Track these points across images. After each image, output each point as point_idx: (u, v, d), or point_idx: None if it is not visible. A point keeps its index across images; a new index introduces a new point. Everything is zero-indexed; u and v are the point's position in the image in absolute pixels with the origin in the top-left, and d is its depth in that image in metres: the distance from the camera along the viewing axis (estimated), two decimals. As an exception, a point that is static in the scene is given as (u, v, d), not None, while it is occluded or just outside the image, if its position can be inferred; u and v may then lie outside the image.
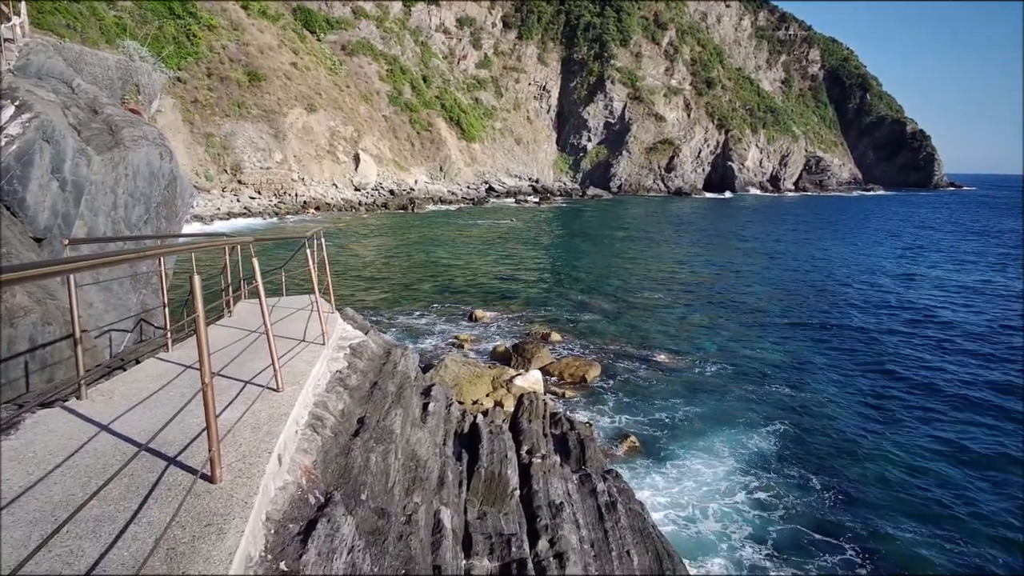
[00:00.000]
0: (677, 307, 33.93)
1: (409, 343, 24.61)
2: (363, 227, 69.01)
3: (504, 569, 7.51)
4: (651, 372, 23.25)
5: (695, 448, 17.02)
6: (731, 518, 13.89)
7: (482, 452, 9.77)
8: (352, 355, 8.63)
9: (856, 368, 24.27)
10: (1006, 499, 14.96)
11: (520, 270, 44.84)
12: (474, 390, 19.16)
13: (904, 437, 18.17)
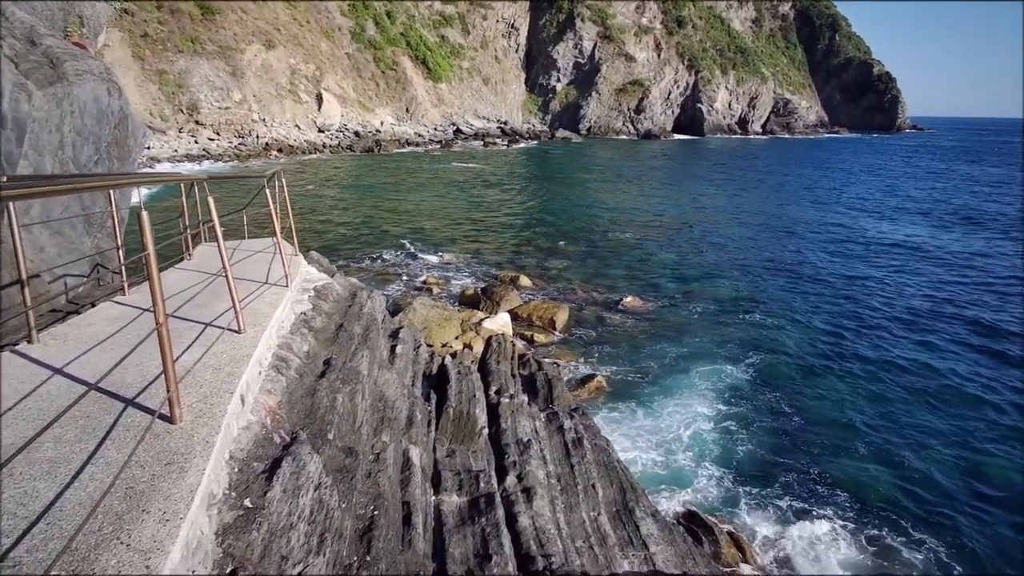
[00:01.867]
0: (646, 249, 34.19)
1: (376, 287, 24.43)
2: (328, 170, 67.34)
3: (472, 504, 7.69)
4: (619, 313, 23.56)
5: (661, 384, 17.50)
6: (693, 449, 14.42)
7: (451, 392, 9.86)
8: (317, 297, 8.51)
9: (818, 304, 24.96)
10: (962, 425, 15.77)
11: (489, 214, 44.48)
12: (443, 333, 19.21)
13: (865, 367, 18.92)
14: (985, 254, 34.57)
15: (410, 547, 6.04)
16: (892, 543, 11.64)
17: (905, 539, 11.77)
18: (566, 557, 7.46)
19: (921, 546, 11.62)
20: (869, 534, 11.88)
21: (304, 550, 3.81)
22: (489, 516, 7.39)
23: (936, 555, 11.39)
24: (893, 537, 11.82)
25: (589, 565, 7.62)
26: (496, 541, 6.90)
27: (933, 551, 11.49)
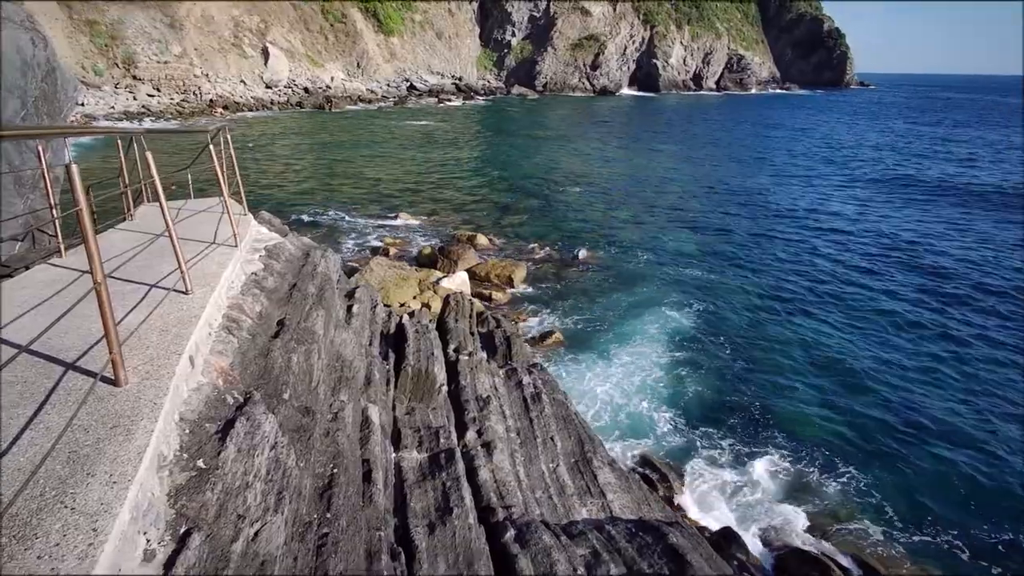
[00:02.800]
0: (601, 206, 34.35)
1: (331, 247, 24.00)
2: (278, 128, 65.06)
3: (433, 459, 7.75)
4: (575, 269, 23.77)
5: (617, 335, 17.90)
6: (648, 397, 14.88)
7: (409, 351, 9.81)
8: (268, 257, 8.28)
9: (765, 258, 25.62)
10: (897, 365, 16.57)
11: (445, 172, 43.86)
12: (400, 293, 19.06)
13: (807, 316, 19.64)
14: (919, 209, 35.90)
15: (371, 503, 6.06)
16: (832, 477, 12.30)
17: (843, 471, 12.44)
18: (526, 508, 7.63)
19: (855, 476, 12.32)
20: (810, 470, 12.50)
21: (261, 508, 3.78)
22: (450, 471, 7.46)
23: (867, 484, 12.08)
24: (833, 471, 12.48)
25: (548, 514, 7.81)
26: (457, 495, 6.99)
27: (865, 481, 12.19)
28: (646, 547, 6.93)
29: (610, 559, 6.76)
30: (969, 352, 17.61)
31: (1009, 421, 14.40)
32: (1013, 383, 16.00)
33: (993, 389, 15.72)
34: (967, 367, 16.76)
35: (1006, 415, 14.64)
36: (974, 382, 16.02)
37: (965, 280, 23.32)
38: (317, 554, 4.41)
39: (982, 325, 19.38)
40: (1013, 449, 13.39)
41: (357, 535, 5.12)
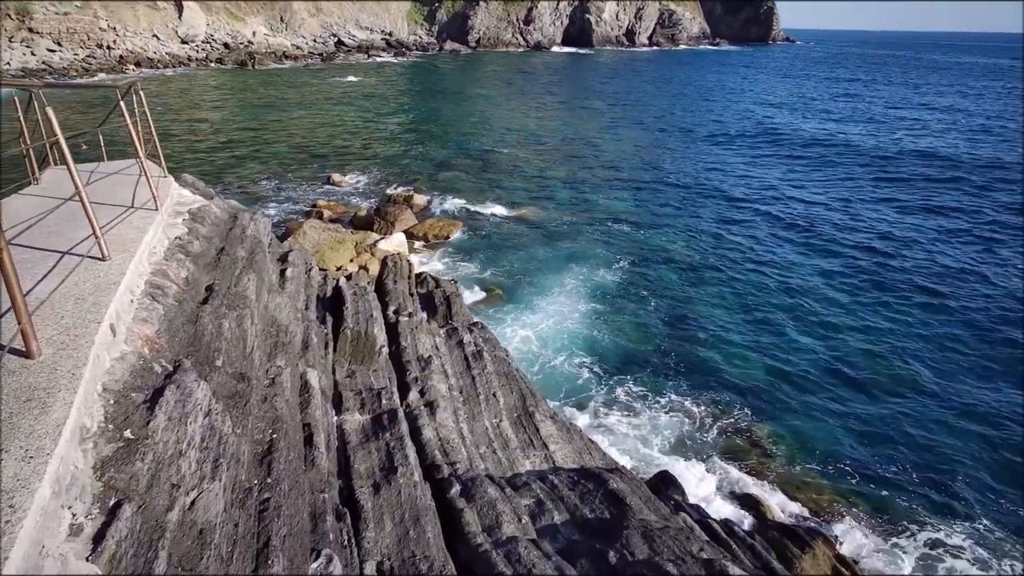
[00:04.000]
0: (537, 164, 34.28)
1: (261, 210, 23.13)
2: (198, 86, 61.48)
3: (376, 420, 7.72)
4: (512, 226, 23.80)
5: (554, 291, 18.21)
6: (585, 349, 15.29)
7: (347, 314, 9.65)
8: (193, 221, 7.90)
9: (694, 216, 26.31)
10: (811, 314, 17.48)
11: (378, 131, 42.67)
12: (337, 256, 18.64)
13: (731, 263, 20.41)
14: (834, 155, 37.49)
15: (313, 466, 6.01)
16: (755, 420, 13.00)
17: (763, 413, 13.18)
18: (471, 463, 7.74)
19: (774, 417, 13.10)
20: (737, 413, 13.17)
21: (197, 476, 3.68)
22: (393, 431, 7.46)
23: (785, 423, 12.86)
24: (756, 413, 13.19)
25: (493, 468, 7.95)
26: (401, 454, 7.01)
27: (783, 420, 12.97)
28: (588, 493, 7.17)
29: (554, 507, 6.97)
30: (882, 301, 18.70)
31: (912, 364, 15.47)
32: (918, 327, 17.14)
33: (900, 335, 16.81)
34: (875, 315, 17.81)
35: (910, 359, 15.71)
36: (884, 330, 17.07)
37: (864, 236, 24.62)
38: (259, 519, 4.36)
39: (891, 277, 20.57)
40: (912, 387, 14.44)
41: (300, 498, 5.07)
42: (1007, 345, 16.12)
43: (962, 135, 45.35)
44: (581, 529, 6.59)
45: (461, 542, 6.24)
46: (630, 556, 5.88)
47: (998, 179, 32.37)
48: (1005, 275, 20.35)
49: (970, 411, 13.57)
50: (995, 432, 12.89)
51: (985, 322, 17.21)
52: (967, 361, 15.46)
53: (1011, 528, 10.53)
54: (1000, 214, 26.60)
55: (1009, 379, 14.68)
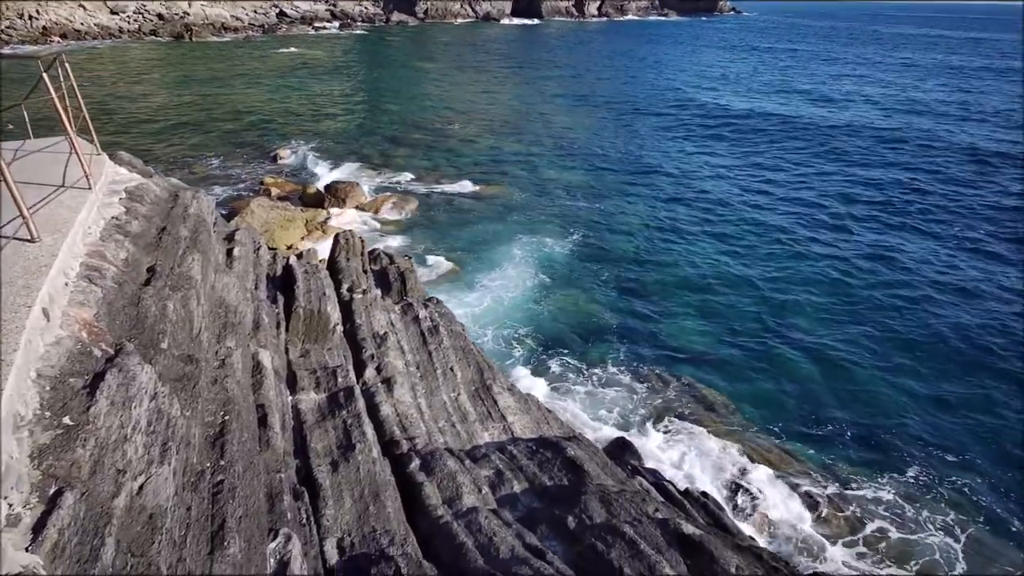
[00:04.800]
0: (489, 138, 33.99)
1: (204, 189, 22.37)
2: (132, 59, 58.55)
3: (332, 399, 7.64)
4: (466, 201, 23.62)
5: (507, 264, 18.28)
6: (540, 320, 15.44)
7: (298, 292, 9.46)
8: (131, 200, 7.57)
9: (650, 188, 26.60)
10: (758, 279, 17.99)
11: (327, 106, 41.53)
12: (287, 235, 18.20)
13: (678, 234, 20.80)
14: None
15: (268, 447, 5.92)
16: (709, 379, 13.40)
17: (718, 372, 13.60)
18: (430, 437, 7.75)
19: (727, 376, 13.59)
20: (683, 381, 13.51)
21: (144, 461, 3.58)
22: (350, 408, 7.40)
23: (739, 384, 13.30)
24: (711, 372, 13.60)
25: (452, 442, 7.99)
26: (359, 431, 6.97)
27: (737, 381, 13.43)
28: (546, 462, 7.28)
29: (513, 477, 7.05)
30: (823, 268, 19.34)
31: (850, 327, 16.11)
32: (857, 292, 17.83)
33: (838, 297, 17.46)
34: (817, 283, 18.41)
35: (848, 322, 16.35)
36: (825, 294, 17.67)
37: (805, 206, 25.39)
38: (213, 501, 4.28)
39: (826, 243, 21.29)
40: (851, 347, 15.07)
41: (256, 479, 5.00)
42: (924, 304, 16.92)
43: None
44: (540, 496, 6.70)
45: (422, 515, 6.27)
46: (588, 520, 6.01)
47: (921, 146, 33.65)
48: (914, 237, 21.30)
49: (901, 371, 14.25)
50: (921, 386, 13.59)
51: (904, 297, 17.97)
52: (896, 321, 16.18)
53: (936, 478, 11.18)
54: (901, 173, 27.72)
55: (932, 340, 15.44)
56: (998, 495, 10.85)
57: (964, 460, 11.62)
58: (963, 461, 11.59)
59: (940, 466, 11.46)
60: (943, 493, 10.85)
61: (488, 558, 5.49)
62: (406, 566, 5.01)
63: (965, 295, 17.39)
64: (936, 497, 10.77)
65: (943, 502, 10.66)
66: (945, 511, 10.45)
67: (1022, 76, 63.20)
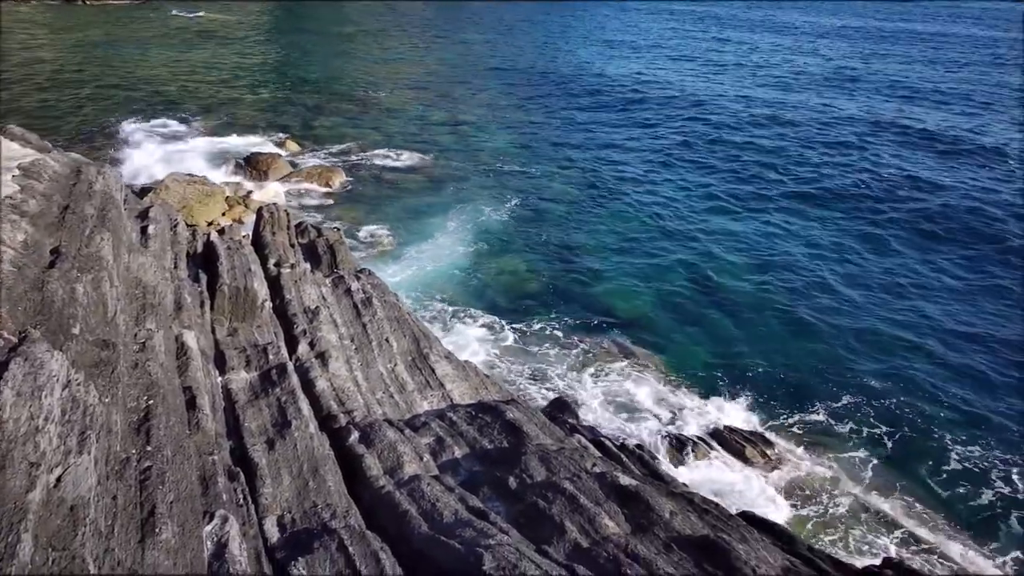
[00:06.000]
0: (415, 106, 33.27)
1: (110, 164, 21.04)
2: (17, 24, 53.63)
3: (264, 377, 7.45)
4: (396, 172, 23.17)
5: (443, 234, 18.17)
6: (474, 287, 15.55)
7: (222, 270, 9.10)
8: (26, 177, 7.03)
9: (569, 146, 26.81)
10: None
11: (240, 73, 39.49)
12: (207, 211, 17.38)
13: (612, 198, 21.16)
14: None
15: (199, 429, 5.74)
16: (645, 336, 13.85)
17: (655, 330, 14.09)
18: (368, 410, 7.69)
19: (662, 332, 14.10)
20: (618, 338, 13.94)
21: (61, 452, 3.39)
22: (283, 386, 7.23)
23: (674, 338, 13.83)
24: (647, 330, 14.06)
25: (391, 412, 7.95)
26: (294, 407, 6.83)
27: (673, 335, 13.99)
28: (486, 426, 7.37)
29: (453, 443, 7.11)
30: (746, 225, 20.12)
31: (777, 274, 16.91)
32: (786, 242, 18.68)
33: (775, 252, 18.25)
34: (748, 238, 19.18)
35: (780, 270, 17.15)
36: (762, 249, 18.44)
37: (736, 162, 26.25)
38: (141, 488, 4.13)
39: (775, 197, 22.13)
40: (776, 296, 15.86)
41: (187, 463, 4.84)
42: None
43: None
44: (482, 460, 6.80)
45: (364, 487, 6.25)
46: (529, 479, 6.15)
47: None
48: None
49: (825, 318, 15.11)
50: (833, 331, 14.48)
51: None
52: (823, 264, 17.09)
53: (849, 414, 12.01)
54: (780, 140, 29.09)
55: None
56: (904, 428, 11.74)
57: (873, 394, 12.48)
58: (873, 395, 12.45)
59: (851, 402, 12.27)
60: (856, 429, 11.65)
61: (432, 523, 5.55)
62: (349, 538, 5.00)
63: (856, 255, 18.40)
64: (849, 432, 11.56)
65: (856, 437, 11.46)
66: (857, 446, 11.24)
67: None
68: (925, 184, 22.70)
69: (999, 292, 16.21)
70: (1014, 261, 17.69)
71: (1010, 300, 15.86)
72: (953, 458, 11.05)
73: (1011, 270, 17.25)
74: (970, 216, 20.25)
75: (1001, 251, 18.23)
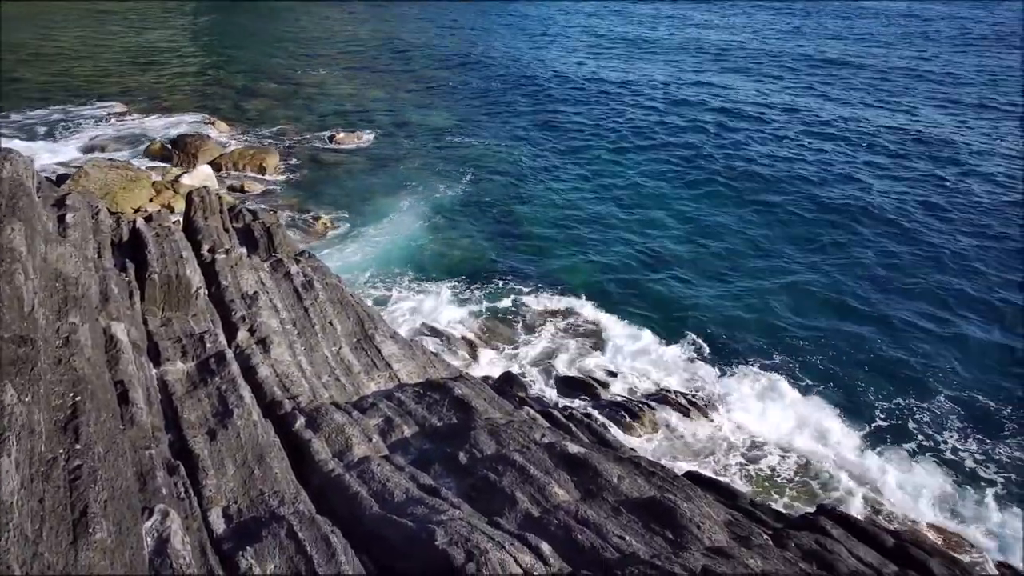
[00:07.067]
0: (351, 84, 32.39)
1: (18, 149, 19.79)
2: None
3: (202, 366, 7.21)
4: (333, 152, 22.58)
5: (386, 213, 17.88)
6: (422, 265, 15.40)
7: (151, 258, 8.71)
8: (-77, 166, 6.52)
9: (512, 117, 26.72)
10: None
11: (160, 51, 37.51)
12: (132, 197, 16.55)
13: (556, 172, 21.22)
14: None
15: (133, 424, 5.52)
16: (583, 307, 14.07)
17: (596, 299, 14.30)
18: (314, 394, 7.56)
19: (602, 301, 14.32)
20: (564, 310, 14.11)
21: (-23, 456, 3.21)
22: (223, 374, 7.02)
23: (620, 306, 14.08)
24: (591, 298, 14.26)
25: (338, 396, 7.84)
26: (235, 396, 6.65)
27: (618, 303, 14.23)
28: (435, 404, 7.36)
29: (402, 422, 7.07)
30: (685, 195, 20.53)
31: (709, 239, 17.38)
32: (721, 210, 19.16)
33: (697, 215, 18.70)
34: (677, 205, 19.58)
35: (708, 236, 17.61)
36: (686, 212, 18.86)
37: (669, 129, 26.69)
38: (71, 489, 3.95)
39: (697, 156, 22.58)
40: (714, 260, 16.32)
41: (121, 459, 4.65)
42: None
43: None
44: (431, 437, 6.80)
45: (312, 471, 6.17)
46: (479, 453, 6.19)
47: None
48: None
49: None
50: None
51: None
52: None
53: (785, 368, 12.55)
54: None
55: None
56: (835, 383, 12.32)
57: (806, 351, 13.02)
58: (805, 352, 13.00)
59: (786, 359, 12.78)
60: (795, 382, 12.15)
61: (383, 503, 5.53)
62: (299, 523, 4.93)
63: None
64: (788, 386, 12.04)
65: (794, 390, 11.95)
66: (795, 401, 11.73)
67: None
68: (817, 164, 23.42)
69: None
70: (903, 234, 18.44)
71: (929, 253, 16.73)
72: (878, 412, 11.65)
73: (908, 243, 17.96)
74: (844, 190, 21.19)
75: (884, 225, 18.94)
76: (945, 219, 18.36)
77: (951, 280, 15.41)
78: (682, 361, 12.71)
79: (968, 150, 23.63)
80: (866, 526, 6.82)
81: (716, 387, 11.99)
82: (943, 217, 18.46)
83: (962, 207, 19.10)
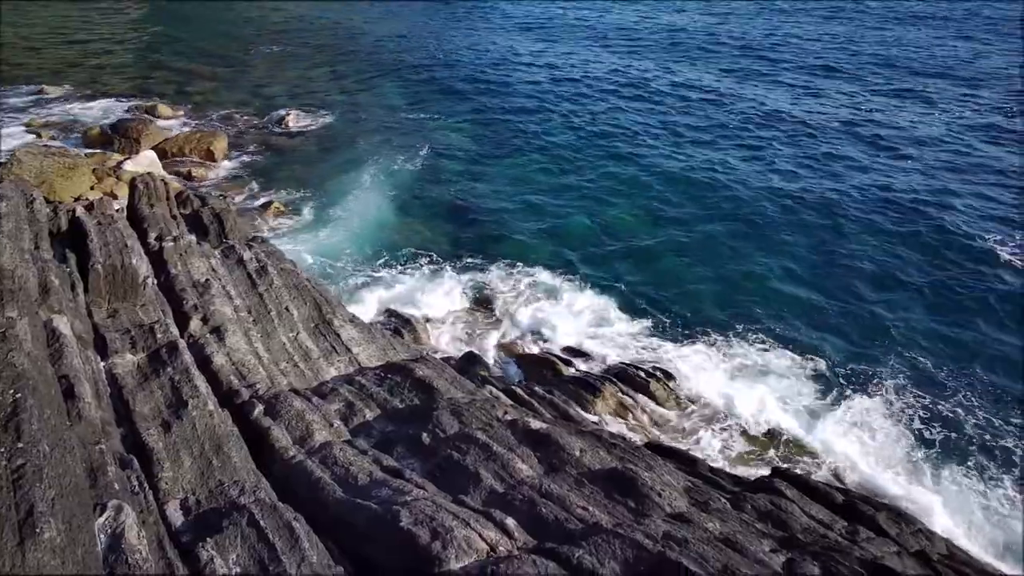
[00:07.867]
0: (298, 63, 31.54)
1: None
2: None
3: (153, 357, 6.99)
4: (283, 135, 22.01)
5: (339, 195, 17.54)
6: (384, 244, 15.22)
7: (93, 247, 8.38)
8: None
9: (480, 102, 26.38)
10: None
11: (98, 32, 35.80)
12: (71, 185, 15.84)
13: (512, 145, 21.14)
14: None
15: (81, 419, 5.34)
16: (541, 283, 14.11)
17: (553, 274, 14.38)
18: (272, 381, 7.43)
19: (568, 277, 14.41)
20: (527, 286, 14.16)
21: (-91, 458, 3.05)
22: (176, 365, 6.82)
23: (587, 276, 14.19)
24: (556, 271, 14.31)
25: (297, 382, 7.71)
26: (189, 386, 6.47)
27: (587, 275, 14.31)
28: (396, 386, 7.31)
29: (364, 406, 7.01)
30: (637, 168, 20.67)
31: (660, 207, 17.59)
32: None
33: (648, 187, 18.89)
34: (635, 183, 19.71)
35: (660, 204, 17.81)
36: (628, 178, 18.98)
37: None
38: (15, 488, 3.80)
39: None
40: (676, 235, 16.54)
41: (69, 455, 4.49)
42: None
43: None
44: (394, 420, 6.76)
45: (273, 459, 6.07)
46: (442, 433, 6.18)
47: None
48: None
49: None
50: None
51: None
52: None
53: (741, 341, 12.86)
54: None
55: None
56: (791, 347, 12.69)
57: (760, 318, 13.35)
58: (760, 319, 13.33)
59: (744, 327, 13.08)
60: (755, 349, 12.46)
61: (347, 487, 5.48)
62: (260, 512, 4.85)
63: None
64: (746, 352, 12.36)
65: (752, 358, 12.26)
66: (754, 369, 12.05)
67: None
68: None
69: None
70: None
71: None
72: (834, 374, 12.05)
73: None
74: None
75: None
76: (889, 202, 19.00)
77: (894, 258, 15.91)
78: (643, 336, 12.86)
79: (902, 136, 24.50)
80: (817, 485, 7.09)
81: (676, 359, 12.19)
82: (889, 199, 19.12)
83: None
